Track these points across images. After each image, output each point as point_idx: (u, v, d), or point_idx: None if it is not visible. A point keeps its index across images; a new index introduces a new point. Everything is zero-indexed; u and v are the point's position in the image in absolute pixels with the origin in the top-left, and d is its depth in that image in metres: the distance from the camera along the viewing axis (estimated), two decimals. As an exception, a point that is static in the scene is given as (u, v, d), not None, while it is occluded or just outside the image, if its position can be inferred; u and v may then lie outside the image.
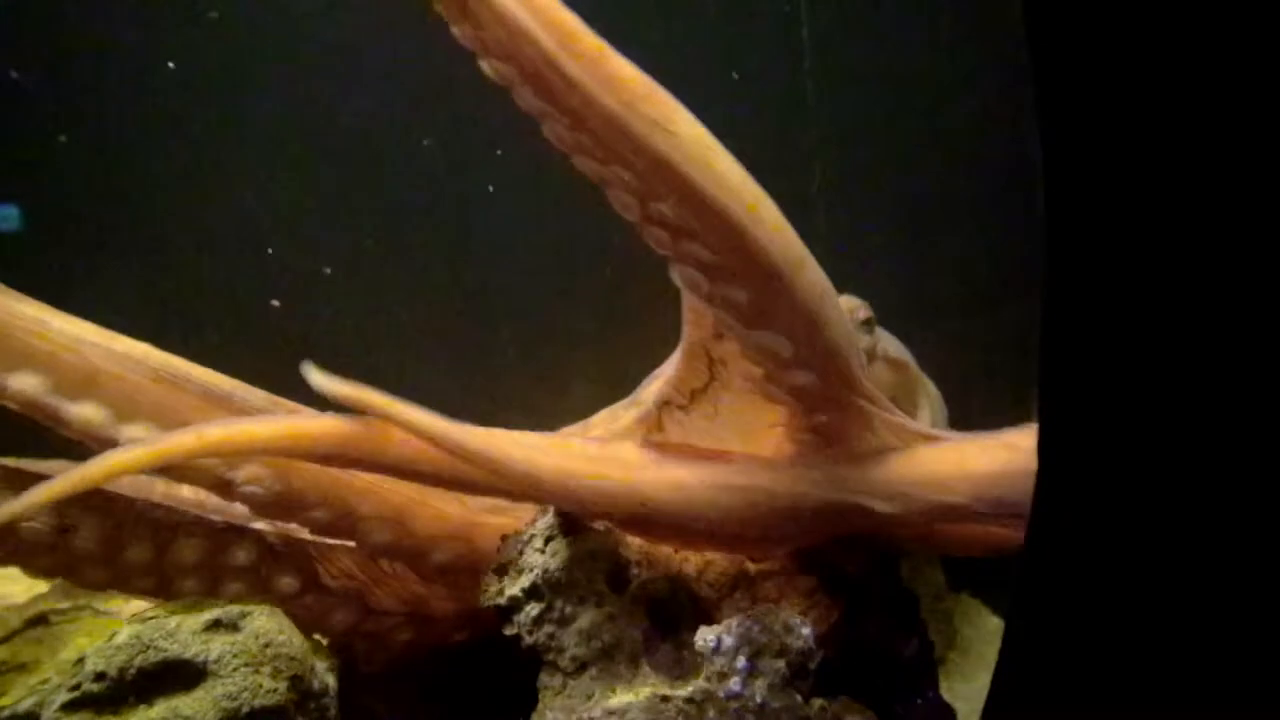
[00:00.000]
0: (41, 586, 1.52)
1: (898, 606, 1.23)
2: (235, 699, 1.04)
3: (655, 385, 1.31)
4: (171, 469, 1.07)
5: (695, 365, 1.22)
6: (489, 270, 2.54)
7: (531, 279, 2.53)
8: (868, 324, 1.65)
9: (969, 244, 2.06)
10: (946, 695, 1.25)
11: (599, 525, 1.16)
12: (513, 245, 2.55)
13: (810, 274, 0.99)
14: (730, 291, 0.97)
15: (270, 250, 2.41)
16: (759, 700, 1.02)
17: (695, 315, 1.17)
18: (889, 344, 1.72)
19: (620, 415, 1.37)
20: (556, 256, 2.51)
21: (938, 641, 1.37)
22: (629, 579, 1.14)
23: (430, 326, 2.54)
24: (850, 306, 1.65)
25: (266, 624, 1.09)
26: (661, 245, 0.97)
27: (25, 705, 1.06)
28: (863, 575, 1.24)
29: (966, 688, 1.40)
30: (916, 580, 1.59)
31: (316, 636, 1.19)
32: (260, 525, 1.20)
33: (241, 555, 1.17)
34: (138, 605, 1.24)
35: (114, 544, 1.14)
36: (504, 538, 1.17)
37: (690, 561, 1.25)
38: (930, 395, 1.75)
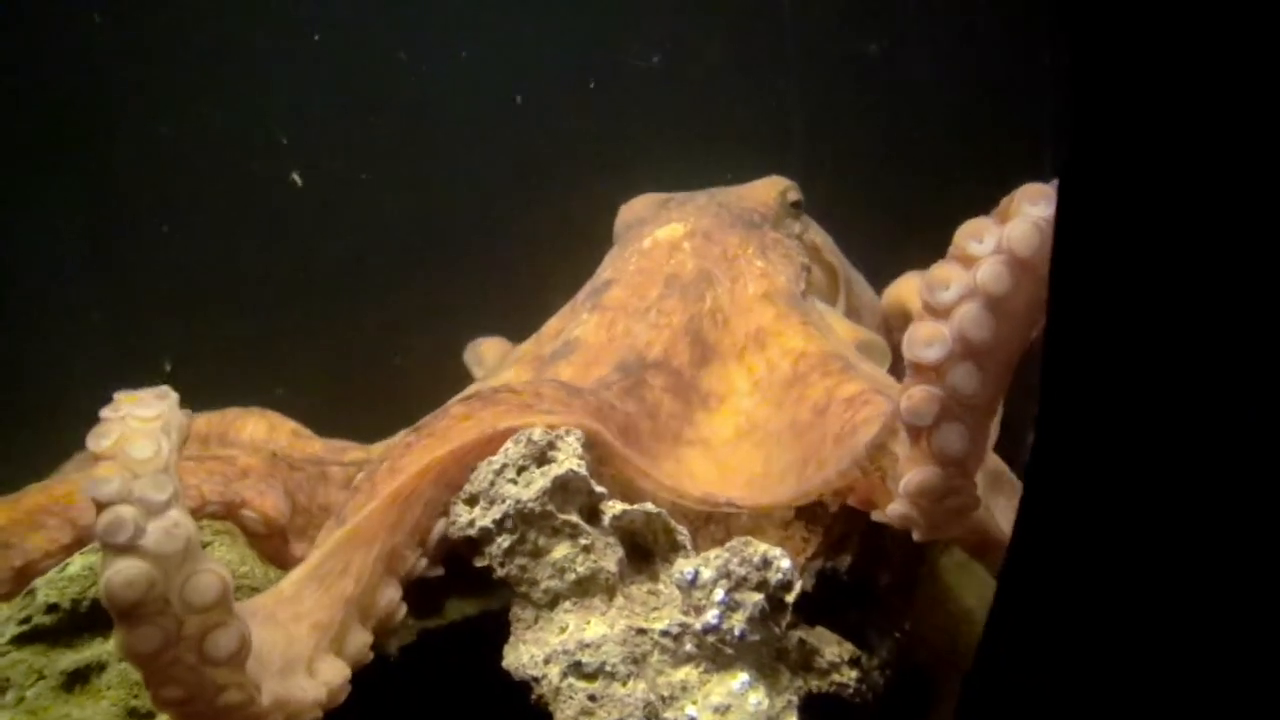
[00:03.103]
0: None
1: (874, 539, 1.22)
2: (195, 631, 1.00)
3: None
4: None
5: None
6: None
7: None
8: (796, 207, 1.62)
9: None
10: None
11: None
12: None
13: None
14: None
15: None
16: (737, 633, 1.00)
17: None
18: (816, 234, 1.69)
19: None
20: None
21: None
22: (603, 511, 1.11)
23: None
24: (780, 187, 1.61)
25: (227, 554, 1.06)
26: None
27: (-27, 638, 1.02)
28: (839, 507, 1.22)
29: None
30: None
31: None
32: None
33: None
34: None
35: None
36: (474, 467, 1.13)
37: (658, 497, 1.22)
38: (853, 289, 1.71)
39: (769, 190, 1.61)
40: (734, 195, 1.60)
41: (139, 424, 0.86)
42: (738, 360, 1.36)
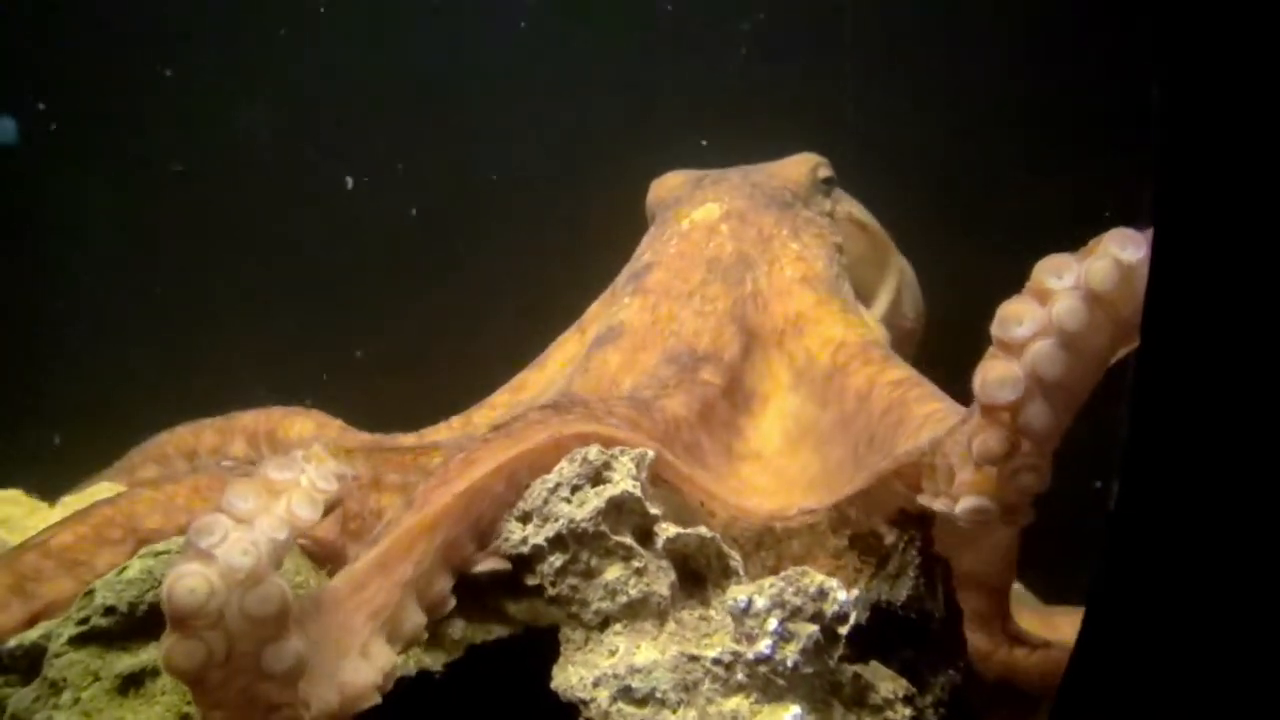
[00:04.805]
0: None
1: (929, 571, 1.19)
2: (249, 638, 1.00)
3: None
4: None
5: None
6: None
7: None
8: (827, 183, 1.61)
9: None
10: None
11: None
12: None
13: None
14: None
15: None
16: (790, 664, 0.98)
17: None
18: (851, 205, 1.67)
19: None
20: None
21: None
22: (657, 533, 1.11)
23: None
24: (811, 164, 1.61)
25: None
26: None
27: (32, 637, 1.03)
28: (894, 538, 1.20)
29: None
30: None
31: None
32: None
33: None
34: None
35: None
36: (528, 485, 1.13)
37: (716, 517, 1.21)
38: (900, 268, 1.68)
39: (800, 167, 1.61)
40: (765, 173, 1.61)
41: (312, 489, 0.90)
42: (778, 347, 1.38)
